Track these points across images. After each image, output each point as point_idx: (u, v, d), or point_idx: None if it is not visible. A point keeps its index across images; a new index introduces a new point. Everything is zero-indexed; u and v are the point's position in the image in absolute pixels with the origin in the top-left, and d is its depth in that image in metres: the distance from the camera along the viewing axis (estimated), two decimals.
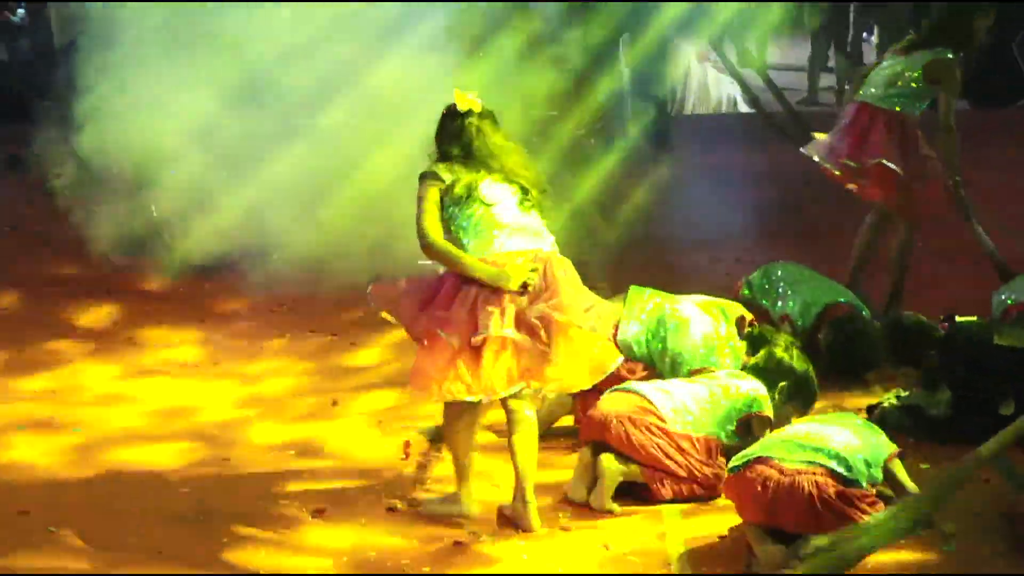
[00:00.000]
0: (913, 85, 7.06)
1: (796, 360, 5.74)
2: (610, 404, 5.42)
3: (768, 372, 5.68)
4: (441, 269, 5.11)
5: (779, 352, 5.74)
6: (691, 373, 5.82)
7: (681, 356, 5.89)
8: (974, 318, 6.25)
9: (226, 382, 6.81)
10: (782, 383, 5.66)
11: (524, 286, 4.99)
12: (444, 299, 5.01)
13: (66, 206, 8.78)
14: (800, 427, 5.15)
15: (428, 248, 5.02)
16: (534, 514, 5.08)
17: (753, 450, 5.01)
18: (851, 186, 7.19)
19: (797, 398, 5.70)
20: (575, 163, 8.40)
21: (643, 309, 6.04)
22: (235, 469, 5.76)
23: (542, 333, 4.99)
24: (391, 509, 5.32)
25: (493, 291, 4.97)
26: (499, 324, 4.93)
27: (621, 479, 5.31)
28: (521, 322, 4.98)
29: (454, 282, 5.03)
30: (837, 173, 7.13)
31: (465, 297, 4.98)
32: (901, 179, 7.04)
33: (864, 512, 4.78)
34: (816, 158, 7.17)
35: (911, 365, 6.01)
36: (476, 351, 4.93)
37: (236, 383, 6.78)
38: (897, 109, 7.06)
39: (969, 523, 5.10)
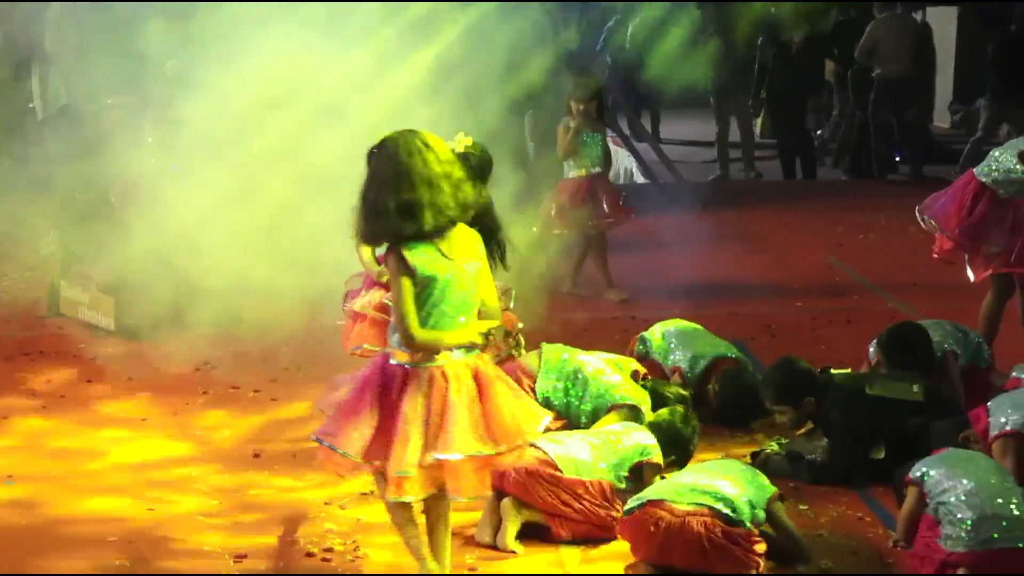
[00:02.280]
0: None
1: (679, 421, 5.92)
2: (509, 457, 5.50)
3: (656, 428, 5.83)
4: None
5: (665, 414, 5.93)
6: (610, 411, 5.99)
7: (599, 403, 6.08)
8: (848, 370, 6.41)
9: (152, 437, 6.78)
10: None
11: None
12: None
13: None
14: (689, 475, 5.29)
15: None
16: None
17: (647, 493, 5.14)
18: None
19: (675, 454, 5.85)
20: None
21: (558, 363, 6.23)
22: (161, 519, 5.75)
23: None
24: (309, 555, 5.36)
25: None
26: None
27: (523, 521, 5.40)
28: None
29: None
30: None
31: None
32: None
33: (748, 550, 4.92)
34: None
35: (791, 405, 6.13)
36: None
37: (160, 437, 6.76)
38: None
39: (847, 560, 5.26)
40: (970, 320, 7.23)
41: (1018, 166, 6.94)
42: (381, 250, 5.30)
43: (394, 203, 4.56)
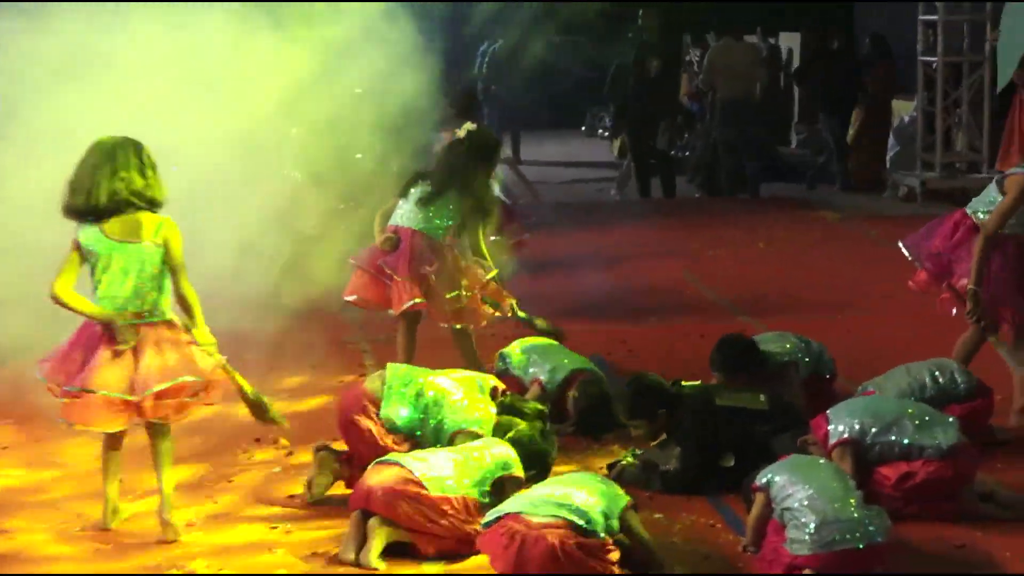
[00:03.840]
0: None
1: (538, 436, 5.93)
2: (374, 476, 5.43)
3: (516, 443, 5.80)
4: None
5: (525, 429, 5.92)
6: (452, 438, 5.89)
7: (443, 424, 5.96)
8: (698, 382, 6.47)
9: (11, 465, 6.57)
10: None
11: None
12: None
13: None
14: (544, 487, 5.27)
15: None
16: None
17: (503, 507, 5.11)
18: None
19: (535, 468, 5.83)
20: None
21: (403, 384, 6.08)
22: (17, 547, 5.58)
23: None
24: None
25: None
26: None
27: (388, 540, 5.33)
28: None
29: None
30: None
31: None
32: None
33: (602, 560, 4.92)
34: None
35: (645, 419, 6.16)
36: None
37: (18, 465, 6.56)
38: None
39: (700, 566, 5.29)
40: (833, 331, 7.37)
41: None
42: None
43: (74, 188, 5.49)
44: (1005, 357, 6.81)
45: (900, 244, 7.04)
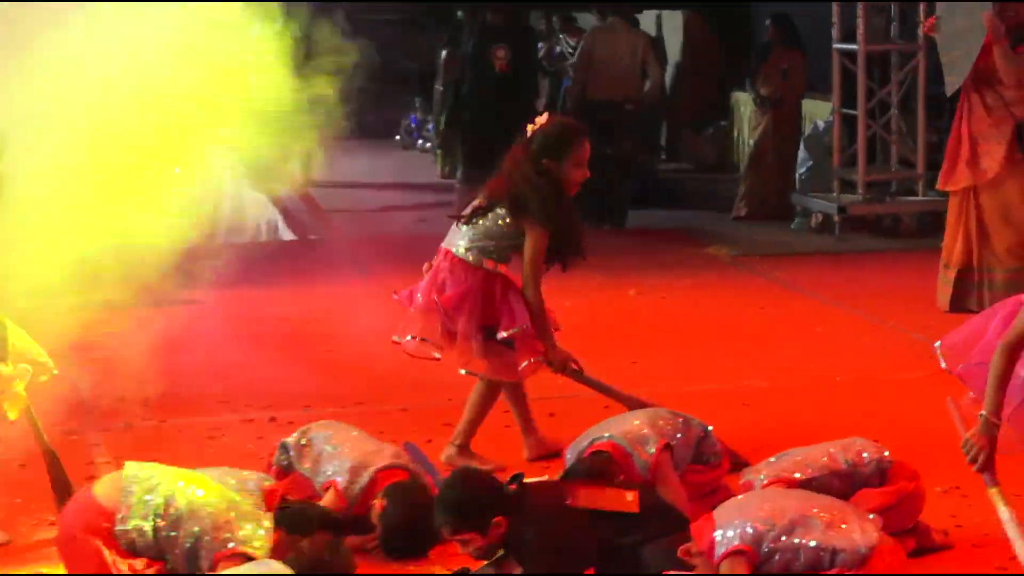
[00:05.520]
0: None
1: (326, 551, 5.97)
2: None
3: (295, 563, 5.82)
4: None
5: (307, 543, 5.95)
6: (214, 562, 5.88)
7: (201, 543, 5.94)
8: (544, 477, 6.58)
9: None
10: None
11: None
12: None
13: None
14: None
15: None
16: None
17: None
18: None
19: None
20: None
21: (146, 490, 6.05)
22: None
23: None
24: None
25: None
26: None
27: None
28: None
29: None
30: None
31: None
32: None
33: None
34: None
35: (475, 531, 6.20)
36: None
37: None
38: None
39: None
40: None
41: None
42: None
43: None
44: None
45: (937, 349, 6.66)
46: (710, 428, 7.18)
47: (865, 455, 6.66)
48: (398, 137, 21.93)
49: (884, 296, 11.92)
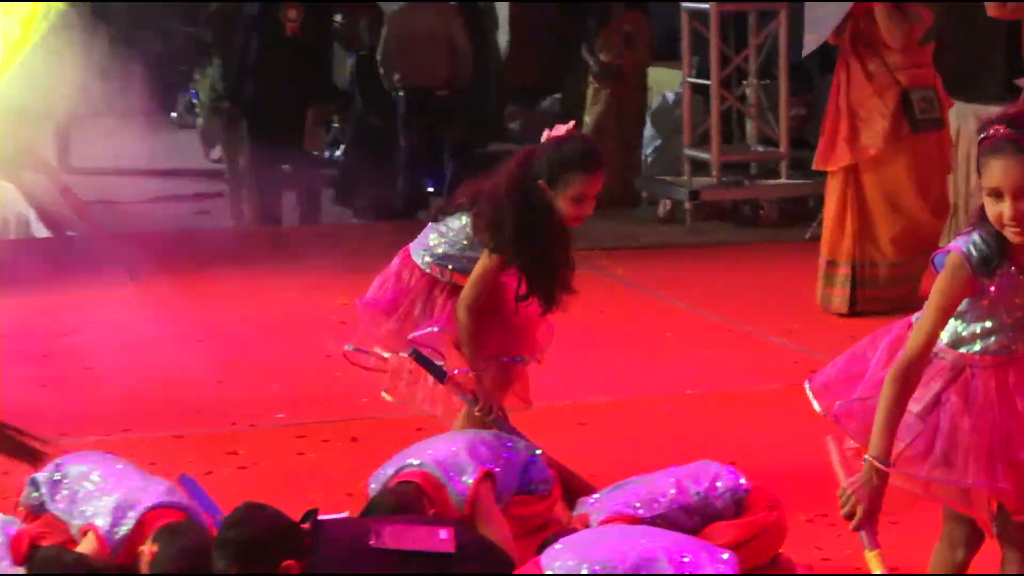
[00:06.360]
0: None
1: None
2: None
3: None
4: None
5: None
6: None
7: None
8: (345, 513, 6.55)
9: None
10: None
11: None
12: None
13: None
14: None
15: None
16: None
17: None
18: None
19: None
20: None
21: None
22: None
23: None
24: None
25: None
26: None
27: None
28: None
29: None
30: None
31: None
32: None
33: None
34: None
35: None
36: None
37: None
38: None
39: None
40: None
41: None
42: None
43: None
44: None
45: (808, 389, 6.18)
46: (539, 451, 7.18)
47: (719, 484, 6.71)
48: (174, 114, 21.74)
49: (742, 296, 12.06)
